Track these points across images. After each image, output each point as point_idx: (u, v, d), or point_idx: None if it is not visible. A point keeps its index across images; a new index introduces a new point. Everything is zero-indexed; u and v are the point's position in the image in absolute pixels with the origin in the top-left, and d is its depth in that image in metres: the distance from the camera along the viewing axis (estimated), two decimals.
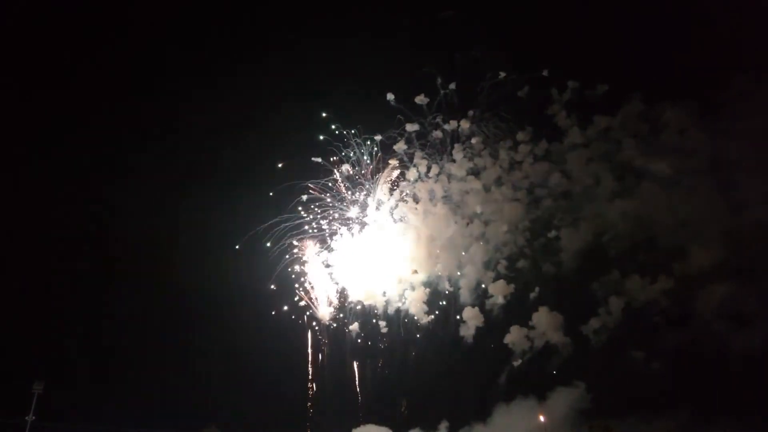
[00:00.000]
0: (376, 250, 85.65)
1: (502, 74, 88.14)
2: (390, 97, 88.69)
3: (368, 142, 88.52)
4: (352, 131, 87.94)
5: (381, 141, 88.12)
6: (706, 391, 62.69)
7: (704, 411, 61.78)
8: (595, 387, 72.18)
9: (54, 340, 78.86)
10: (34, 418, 66.79)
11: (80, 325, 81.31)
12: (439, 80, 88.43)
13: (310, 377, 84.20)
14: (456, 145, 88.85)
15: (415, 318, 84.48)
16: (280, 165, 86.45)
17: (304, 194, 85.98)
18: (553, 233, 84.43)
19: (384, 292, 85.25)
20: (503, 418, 74.89)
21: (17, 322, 76.65)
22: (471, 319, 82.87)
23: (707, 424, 61.49)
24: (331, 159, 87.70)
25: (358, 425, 78.98)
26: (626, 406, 67.22)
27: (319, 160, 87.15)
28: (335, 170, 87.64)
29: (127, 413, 75.11)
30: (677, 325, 69.61)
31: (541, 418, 71.62)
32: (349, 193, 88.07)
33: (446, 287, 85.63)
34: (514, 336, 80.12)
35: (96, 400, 76.22)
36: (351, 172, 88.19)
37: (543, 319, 79.53)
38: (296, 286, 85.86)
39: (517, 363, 79.10)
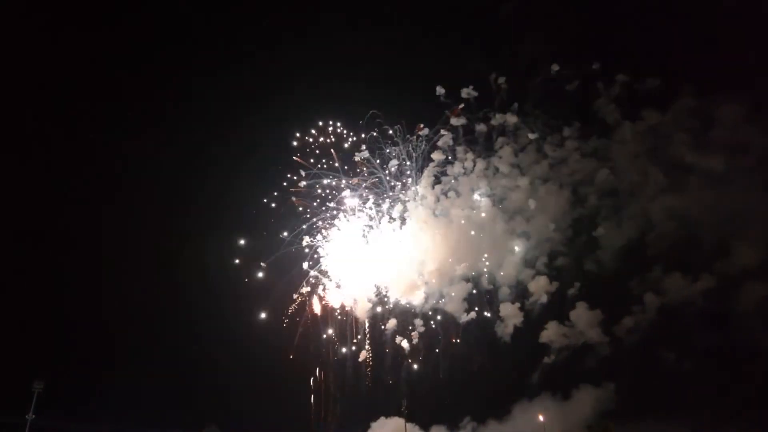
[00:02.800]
0: (416, 246, 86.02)
1: (555, 67, 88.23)
2: (440, 91, 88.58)
3: (414, 137, 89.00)
4: (397, 126, 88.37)
5: (426, 136, 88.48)
6: (731, 393, 61.24)
7: (725, 413, 60.60)
8: (624, 388, 71.78)
9: (54, 339, 79.23)
10: (34, 416, 66.58)
11: (81, 324, 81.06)
12: (493, 75, 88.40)
13: (321, 376, 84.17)
14: (501, 139, 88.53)
15: (455, 315, 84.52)
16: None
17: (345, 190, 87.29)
18: (597, 231, 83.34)
19: (424, 290, 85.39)
20: (522, 415, 75.42)
21: (17, 321, 77.10)
22: (510, 317, 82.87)
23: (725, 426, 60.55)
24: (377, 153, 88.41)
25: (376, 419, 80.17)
26: (651, 408, 66.84)
27: (360, 156, 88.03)
28: (371, 166, 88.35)
29: (128, 412, 76.26)
30: (713, 325, 68.03)
31: (541, 418, 72.00)
32: (393, 189, 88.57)
33: (485, 284, 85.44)
34: (551, 333, 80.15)
35: (96, 399, 77.16)
36: (395, 168, 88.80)
37: (581, 316, 79.20)
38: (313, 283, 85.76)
39: (549, 359, 79.03)
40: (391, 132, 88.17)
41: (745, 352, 63.77)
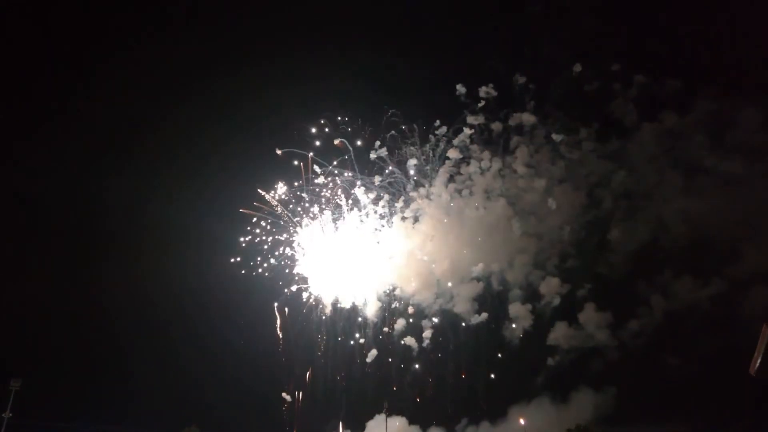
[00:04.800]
0: (427, 245, 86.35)
1: (578, 68, 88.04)
2: (461, 90, 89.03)
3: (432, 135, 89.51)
4: (414, 125, 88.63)
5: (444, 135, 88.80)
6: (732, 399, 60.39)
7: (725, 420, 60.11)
8: (624, 392, 71.45)
9: (32, 337, 78.88)
10: (11, 415, 65.84)
11: (59, 322, 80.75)
12: (513, 75, 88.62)
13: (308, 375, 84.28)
14: (517, 139, 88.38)
15: (463, 316, 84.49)
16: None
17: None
18: (610, 233, 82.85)
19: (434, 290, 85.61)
20: (516, 417, 75.29)
21: None
22: (520, 318, 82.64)
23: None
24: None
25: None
26: (649, 413, 66.29)
27: (380, 154, 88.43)
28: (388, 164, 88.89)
29: (106, 411, 75.20)
30: (721, 330, 67.05)
31: (521, 421, 72.31)
32: (405, 187, 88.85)
33: (496, 285, 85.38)
34: (558, 334, 79.88)
35: (75, 398, 75.80)
36: (412, 166, 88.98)
37: (590, 318, 78.77)
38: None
39: (553, 360, 78.73)
40: (405, 129, 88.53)
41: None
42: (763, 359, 41.99)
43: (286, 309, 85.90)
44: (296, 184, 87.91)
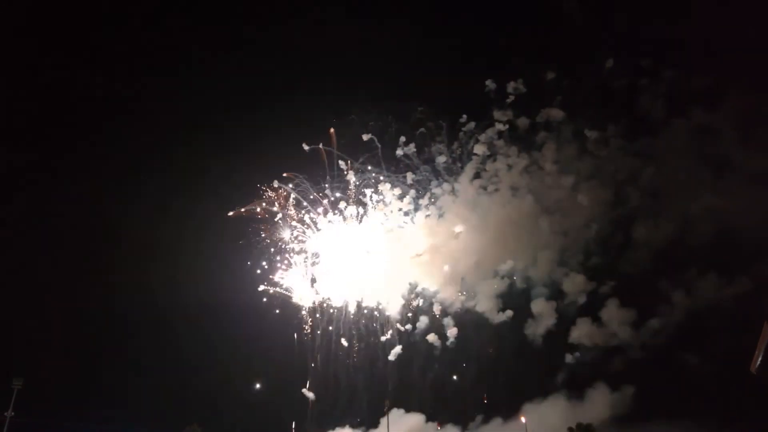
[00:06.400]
0: (452, 241, 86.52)
1: (610, 63, 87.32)
2: (491, 86, 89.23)
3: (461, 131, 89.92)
4: (441, 122, 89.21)
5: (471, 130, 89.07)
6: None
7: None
8: (642, 391, 71.26)
9: (34, 336, 78.27)
10: (13, 414, 65.75)
11: (61, 322, 79.97)
12: (540, 69, 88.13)
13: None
14: (544, 135, 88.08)
15: (485, 314, 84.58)
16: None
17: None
18: (636, 230, 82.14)
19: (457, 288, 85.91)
20: (530, 415, 75.19)
21: None
22: (543, 316, 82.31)
23: None
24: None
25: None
26: (665, 413, 65.89)
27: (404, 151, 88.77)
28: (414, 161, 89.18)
29: (108, 410, 74.87)
30: (742, 329, 66.02)
31: (522, 419, 72.48)
32: (429, 183, 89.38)
33: (519, 283, 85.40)
34: (581, 331, 79.67)
35: (77, 397, 76.04)
36: (441, 162, 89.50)
37: (613, 316, 78.42)
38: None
39: (573, 357, 78.65)
40: (432, 125, 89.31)
41: None
42: (764, 357, 42.00)
43: (306, 307, 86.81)
44: (324, 182, 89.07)
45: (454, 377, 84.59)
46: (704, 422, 62.91)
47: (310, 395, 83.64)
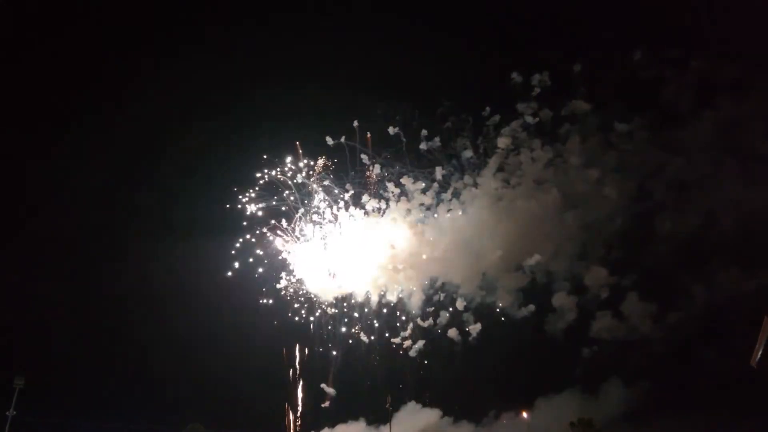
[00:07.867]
0: (474, 235, 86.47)
1: (638, 55, 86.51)
2: (517, 79, 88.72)
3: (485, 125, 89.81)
4: (466, 116, 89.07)
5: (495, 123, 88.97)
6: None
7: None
8: (658, 385, 70.90)
9: (36, 335, 77.57)
10: (15, 413, 65.53)
11: (62, 320, 79.44)
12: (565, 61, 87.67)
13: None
14: (569, 127, 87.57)
15: (506, 308, 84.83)
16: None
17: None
18: (660, 223, 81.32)
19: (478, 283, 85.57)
20: (540, 410, 75.91)
21: None
22: (564, 310, 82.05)
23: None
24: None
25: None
26: (678, 408, 65.83)
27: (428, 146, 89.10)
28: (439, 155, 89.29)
29: (110, 408, 75.17)
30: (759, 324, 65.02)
31: (524, 415, 72.86)
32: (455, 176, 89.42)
33: (540, 277, 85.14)
34: (601, 325, 79.62)
35: (79, 395, 75.45)
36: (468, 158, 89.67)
37: (634, 310, 78.22)
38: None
39: (590, 351, 78.82)
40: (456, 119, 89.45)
41: None
42: (764, 351, 42.33)
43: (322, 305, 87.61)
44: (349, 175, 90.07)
45: (472, 373, 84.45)
46: (717, 417, 62.53)
47: (331, 390, 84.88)
